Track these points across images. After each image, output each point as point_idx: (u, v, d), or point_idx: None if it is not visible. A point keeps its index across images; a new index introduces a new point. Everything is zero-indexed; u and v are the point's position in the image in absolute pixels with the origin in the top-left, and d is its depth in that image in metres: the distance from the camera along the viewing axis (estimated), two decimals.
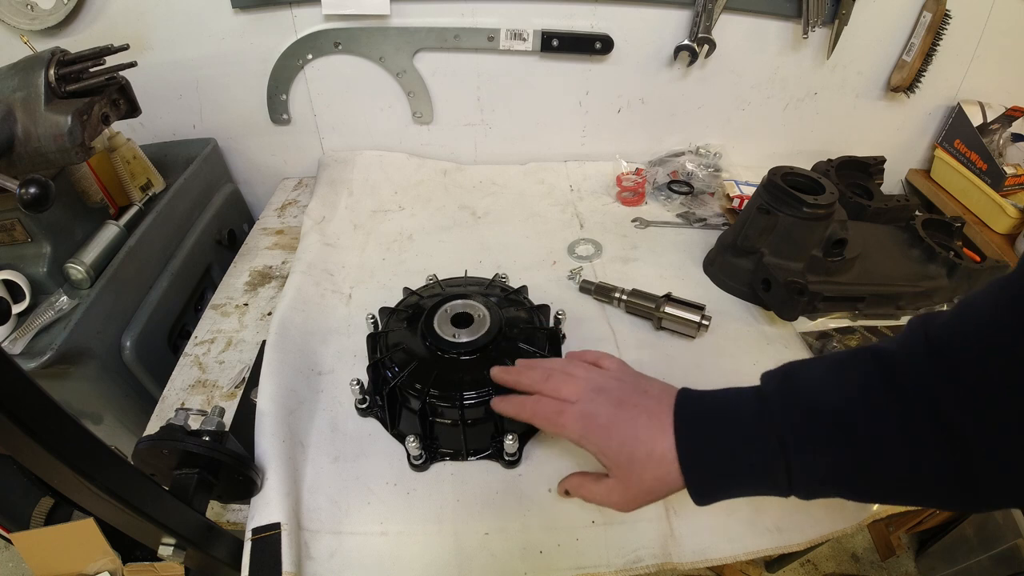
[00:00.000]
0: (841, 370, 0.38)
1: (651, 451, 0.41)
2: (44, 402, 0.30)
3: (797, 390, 0.38)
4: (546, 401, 0.46)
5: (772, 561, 1.14)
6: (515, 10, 0.87)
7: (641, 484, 0.42)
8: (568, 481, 0.48)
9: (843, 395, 0.36)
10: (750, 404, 0.39)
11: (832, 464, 0.36)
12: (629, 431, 0.42)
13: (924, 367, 0.34)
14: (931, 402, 0.33)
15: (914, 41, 0.92)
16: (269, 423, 0.54)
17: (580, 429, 0.43)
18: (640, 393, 0.44)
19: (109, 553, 0.47)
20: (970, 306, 0.34)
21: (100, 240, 0.72)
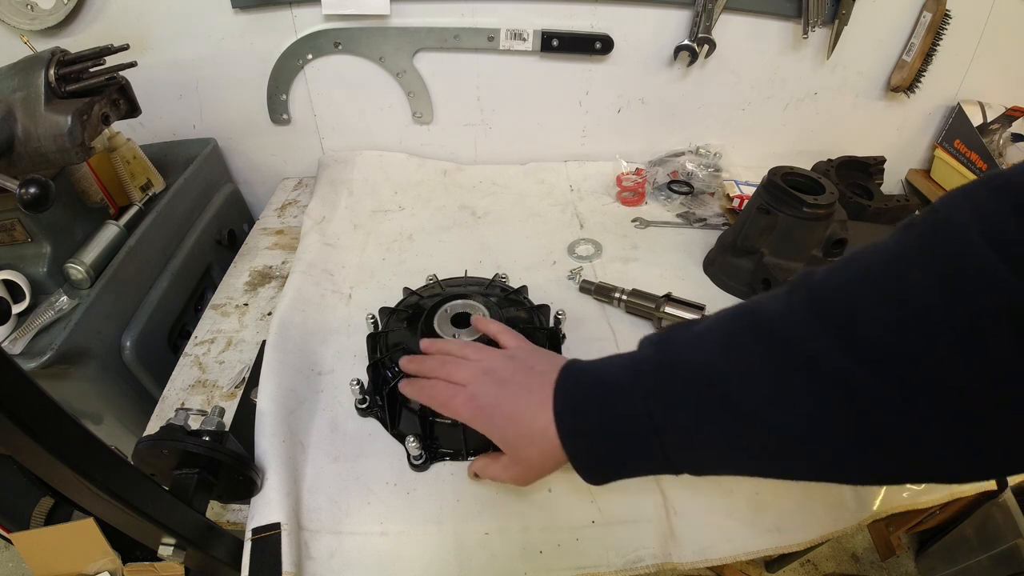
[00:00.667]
0: (716, 327, 0.36)
1: (531, 428, 0.41)
2: (44, 402, 0.29)
3: (668, 351, 0.37)
4: (441, 386, 0.47)
5: (772, 561, 1.14)
6: (515, 10, 0.87)
7: (528, 460, 0.42)
8: (475, 464, 0.50)
9: (714, 353, 0.34)
10: (623, 370, 0.38)
11: (703, 429, 0.34)
12: (511, 409, 0.42)
13: (804, 324, 0.31)
14: (810, 358, 0.30)
15: (914, 41, 0.92)
16: (269, 423, 0.54)
17: (468, 412, 0.45)
18: (526, 370, 0.44)
19: (109, 553, 0.47)
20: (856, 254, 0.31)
21: (100, 240, 0.72)
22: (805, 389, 0.30)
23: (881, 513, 0.54)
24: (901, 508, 0.55)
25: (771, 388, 0.32)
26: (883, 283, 0.29)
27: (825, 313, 0.30)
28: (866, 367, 0.29)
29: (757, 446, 0.33)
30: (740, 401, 0.33)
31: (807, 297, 0.32)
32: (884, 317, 0.28)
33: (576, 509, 0.52)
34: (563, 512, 0.52)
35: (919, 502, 0.56)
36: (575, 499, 0.53)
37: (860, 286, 0.30)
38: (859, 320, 0.29)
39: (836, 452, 0.31)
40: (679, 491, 0.54)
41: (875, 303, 0.29)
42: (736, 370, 0.33)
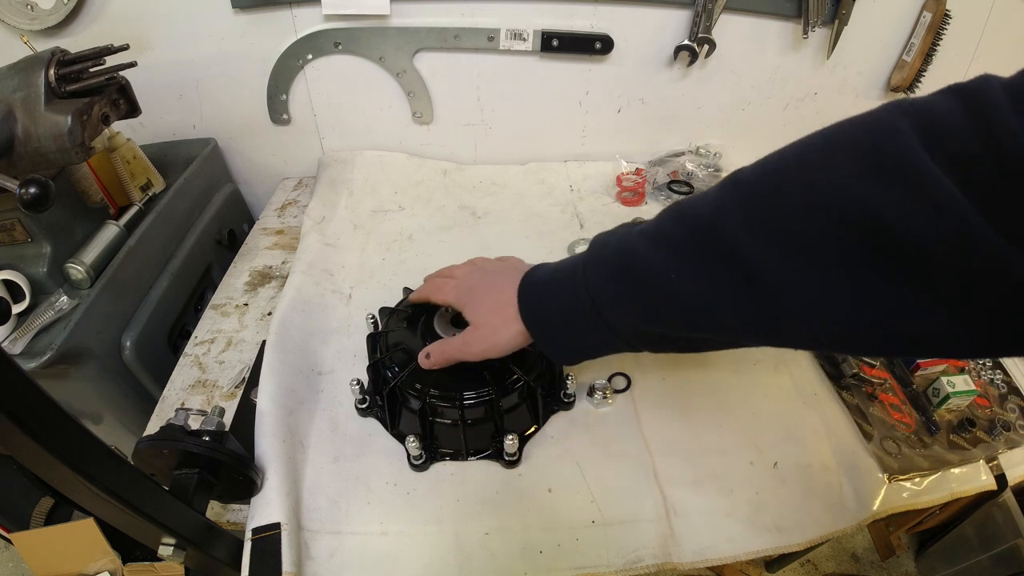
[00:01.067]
0: (653, 224, 0.40)
1: (498, 299, 0.49)
2: (44, 402, 0.30)
3: (607, 242, 0.43)
4: (438, 280, 0.58)
5: (772, 561, 1.14)
6: (515, 10, 0.87)
7: (491, 326, 0.49)
8: (431, 347, 0.53)
9: (643, 244, 0.39)
10: (574, 258, 0.45)
11: (633, 305, 0.39)
12: (486, 288, 0.51)
13: (729, 216, 0.34)
14: (731, 250, 0.33)
15: (914, 41, 0.92)
16: (269, 423, 0.54)
17: (454, 293, 0.54)
18: (509, 268, 0.53)
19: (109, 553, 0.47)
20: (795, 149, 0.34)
21: (100, 240, 0.72)
22: (711, 263, 0.35)
23: (881, 513, 0.54)
24: (901, 508, 0.55)
25: (677, 258, 0.37)
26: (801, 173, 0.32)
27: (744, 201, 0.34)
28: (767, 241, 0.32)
29: (675, 315, 0.38)
30: (649, 269, 0.38)
31: (730, 187, 0.36)
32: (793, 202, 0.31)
33: (576, 509, 0.52)
34: (563, 512, 0.52)
35: (919, 502, 0.56)
36: (575, 499, 0.53)
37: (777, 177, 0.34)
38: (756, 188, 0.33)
39: (743, 317, 0.34)
40: (679, 491, 0.54)
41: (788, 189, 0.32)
42: (654, 248, 0.38)
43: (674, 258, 0.37)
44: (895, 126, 0.28)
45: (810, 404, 0.62)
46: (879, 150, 0.28)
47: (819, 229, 0.30)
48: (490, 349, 0.49)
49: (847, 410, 0.62)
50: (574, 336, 0.45)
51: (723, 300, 0.34)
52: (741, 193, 0.34)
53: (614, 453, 0.57)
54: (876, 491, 0.55)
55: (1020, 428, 0.62)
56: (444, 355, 0.52)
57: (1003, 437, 0.61)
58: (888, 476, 0.56)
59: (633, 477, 0.55)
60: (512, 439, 0.53)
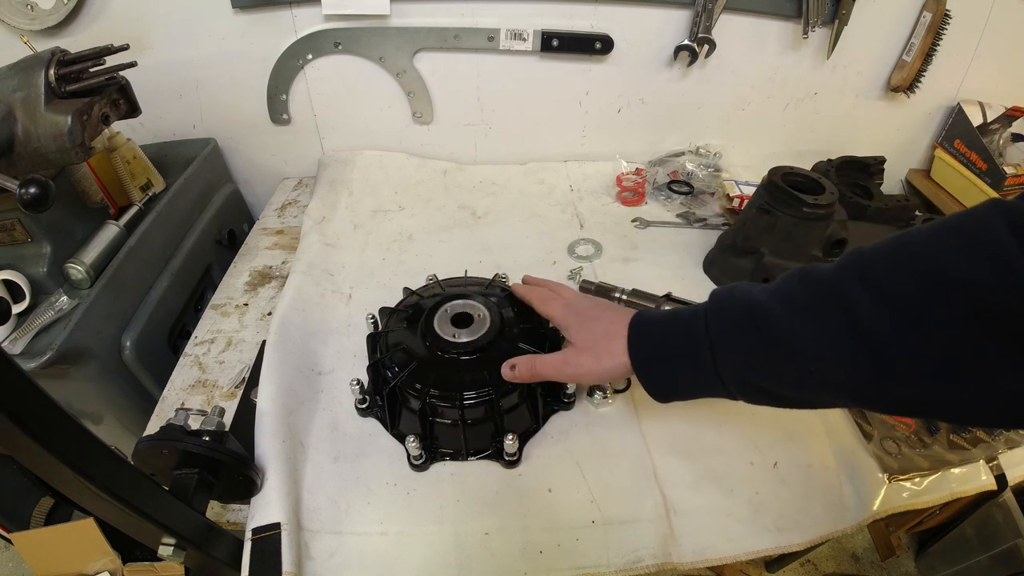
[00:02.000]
0: (778, 281, 0.42)
1: (608, 329, 0.50)
2: (44, 402, 0.30)
3: (734, 293, 0.44)
4: (544, 291, 0.59)
5: (772, 561, 1.14)
6: (515, 10, 0.87)
7: (595, 352, 0.50)
8: (518, 359, 0.54)
9: (769, 296, 0.41)
10: (693, 309, 0.46)
11: (747, 354, 0.41)
12: (596, 316, 0.52)
13: (851, 281, 0.36)
14: (844, 306, 0.36)
15: (914, 41, 0.92)
16: (269, 423, 0.54)
17: (562, 310, 0.55)
18: (616, 308, 0.55)
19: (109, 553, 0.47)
20: (906, 234, 0.37)
21: (100, 240, 0.72)
22: (825, 318, 0.37)
23: (881, 513, 0.54)
24: (901, 508, 0.55)
25: (800, 314, 0.39)
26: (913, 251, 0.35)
27: (864, 269, 0.36)
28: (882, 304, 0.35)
29: (785, 364, 0.39)
30: (771, 320, 0.40)
31: (853, 258, 0.38)
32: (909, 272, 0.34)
33: (576, 509, 0.52)
34: (563, 512, 0.52)
35: (919, 502, 0.56)
36: (575, 499, 0.53)
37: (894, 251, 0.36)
38: (889, 276, 0.35)
39: (850, 374, 0.36)
40: (679, 491, 0.54)
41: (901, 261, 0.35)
42: (778, 302, 0.40)
43: (797, 313, 0.39)
44: (991, 219, 0.32)
45: None
46: (977, 237, 0.32)
47: (927, 301, 0.33)
48: (587, 375, 0.50)
49: (847, 410, 0.62)
50: (679, 377, 0.46)
51: (837, 355, 0.36)
52: (863, 264, 0.37)
53: (614, 453, 0.57)
54: (876, 491, 0.55)
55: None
56: (534, 370, 0.52)
57: (1003, 437, 0.61)
58: (888, 476, 0.56)
59: (633, 477, 0.55)
60: (512, 439, 0.53)
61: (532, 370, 0.52)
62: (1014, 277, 0.30)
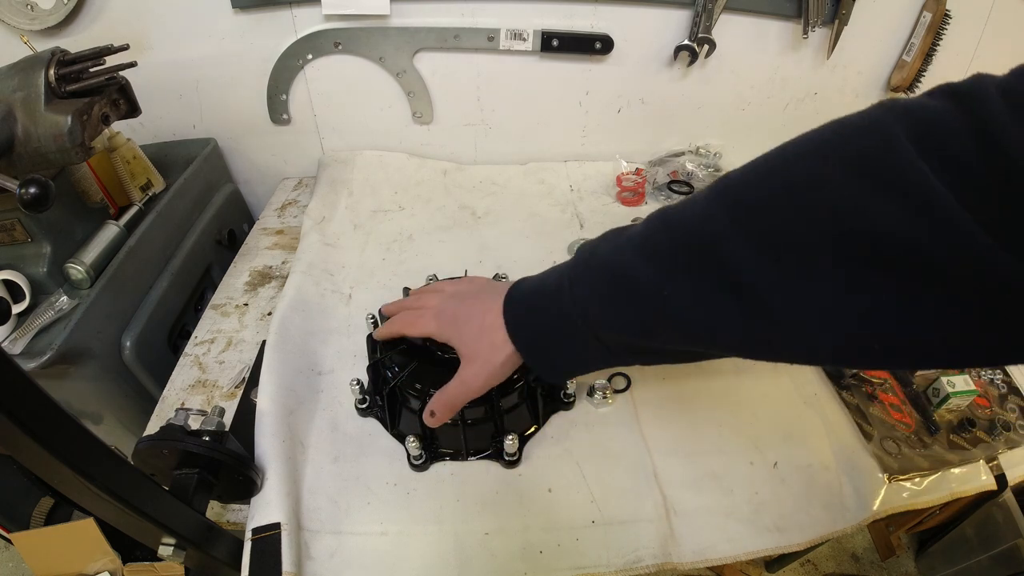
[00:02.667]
0: (637, 234, 0.39)
1: (483, 323, 0.46)
2: (44, 402, 0.30)
3: (593, 255, 0.42)
4: (409, 312, 0.54)
5: (772, 561, 1.14)
6: (515, 10, 0.87)
7: (481, 356, 0.46)
8: (432, 403, 0.50)
9: (628, 257, 0.38)
10: (558, 270, 0.44)
11: (624, 322, 0.38)
12: (468, 314, 0.49)
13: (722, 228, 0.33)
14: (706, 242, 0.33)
15: (914, 41, 0.92)
16: (269, 423, 0.54)
17: (435, 325, 0.51)
18: (487, 288, 0.51)
19: (109, 553, 0.47)
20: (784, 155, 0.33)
21: (100, 240, 0.72)
22: (699, 270, 0.34)
23: (881, 513, 0.54)
24: (901, 508, 0.55)
25: (667, 273, 0.35)
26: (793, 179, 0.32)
27: (735, 208, 0.33)
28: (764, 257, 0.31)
29: (667, 329, 0.37)
30: (639, 283, 0.36)
31: (720, 193, 0.35)
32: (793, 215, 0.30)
33: (576, 509, 0.52)
34: (563, 512, 0.52)
35: (919, 502, 0.56)
36: (575, 499, 0.53)
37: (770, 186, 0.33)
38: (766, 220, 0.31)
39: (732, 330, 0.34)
40: (679, 491, 0.54)
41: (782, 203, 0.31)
42: (644, 261, 0.37)
43: (665, 272, 0.35)
44: (888, 130, 0.27)
45: (810, 404, 0.62)
46: (871, 155, 0.28)
47: (816, 240, 0.29)
48: (489, 379, 0.47)
49: (847, 410, 0.62)
50: (568, 354, 0.43)
51: (718, 317, 0.33)
52: (731, 203, 0.33)
53: (614, 453, 0.57)
54: (876, 491, 0.55)
55: (1020, 428, 0.62)
56: (448, 405, 0.49)
57: (1003, 437, 0.61)
58: (888, 476, 0.56)
59: (633, 477, 0.55)
60: (512, 439, 0.53)
61: (447, 406, 0.49)
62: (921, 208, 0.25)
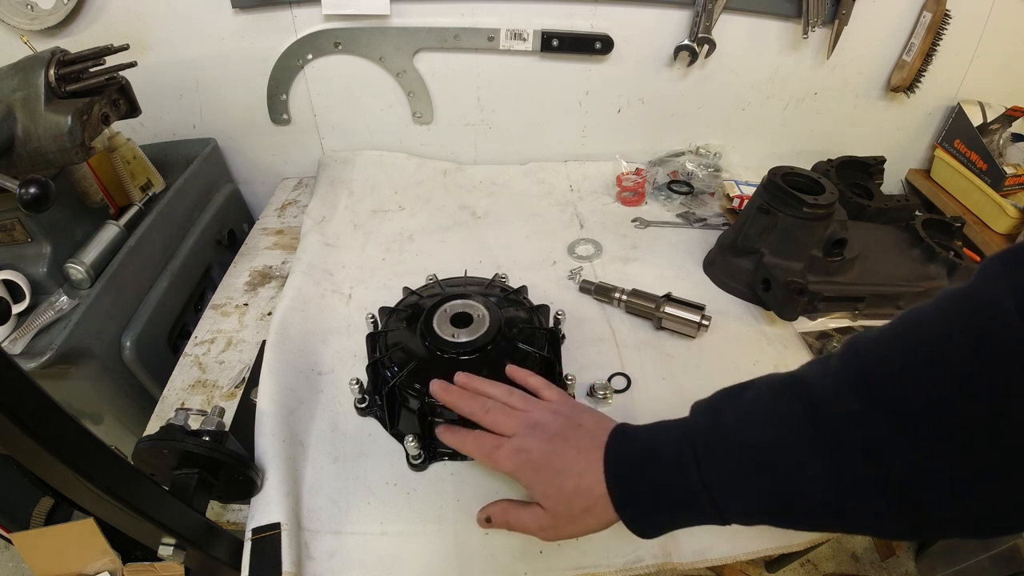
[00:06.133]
0: (766, 406, 0.37)
1: (579, 484, 0.41)
2: (44, 402, 0.29)
3: (721, 427, 0.38)
4: (484, 437, 0.47)
5: (772, 561, 1.14)
6: (515, 10, 0.87)
7: (571, 517, 0.42)
8: (492, 507, 0.46)
9: (766, 434, 0.36)
10: (677, 441, 0.40)
11: (758, 499, 0.36)
12: (559, 465, 0.42)
13: (856, 407, 0.32)
14: (865, 448, 0.31)
15: (914, 41, 0.92)
16: (269, 423, 0.54)
17: (514, 464, 0.44)
18: (574, 427, 0.45)
19: (109, 553, 0.47)
20: (913, 338, 0.32)
21: (100, 240, 0.72)
22: (844, 461, 0.32)
23: None
24: None
25: (810, 461, 0.33)
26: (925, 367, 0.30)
27: (868, 388, 0.32)
28: (905, 443, 0.30)
29: (810, 519, 0.36)
30: (779, 470, 0.35)
31: (854, 373, 0.33)
32: (924, 399, 0.30)
33: None
34: None
35: None
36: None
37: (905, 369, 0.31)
38: (900, 400, 0.31)
39: (873, 513, 0.32)
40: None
41: (916, 384, 0.30)
42: (779, 439, 0.35)
43: (806, 451, 0.34)
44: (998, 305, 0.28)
45: None
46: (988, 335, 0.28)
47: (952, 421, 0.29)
48: (570, 537, 0.44)
49: None
50: (677, 522, 0.41)
51: (860, 498, 0.32)
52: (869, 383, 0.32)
53: None
54: None
55: None
56: (506, 525, 0.46)
57: None
58: None
59: None
60: None
61: (503, 524, 0.46)
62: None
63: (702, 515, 0.38)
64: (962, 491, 0.29)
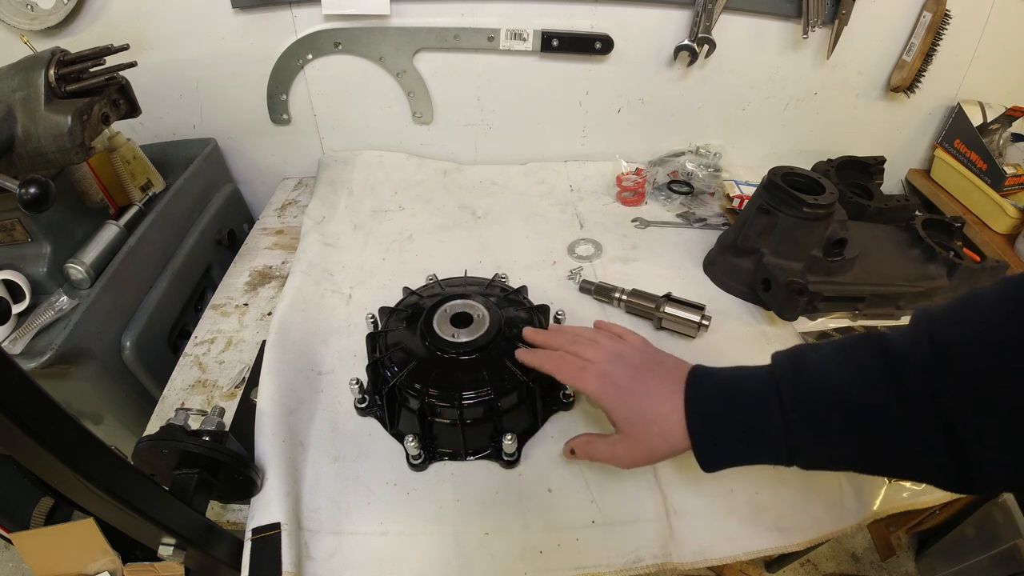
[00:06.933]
0: (849, 358, 0.39)
1: (658, 411, 0.44)
2: (44, 402, 0.29)
3: (805, 371, 0.40)
4: (570, 358, 0.50)
5: (772, 561, 1.14)
6: (515, 10, 0.87)
7: (647, 440, 0.45)
8: (575, 440, 0.51)
9: (849, 383, 0.38)
10: (760, 380, 0.42)
11: (834, 446, 0.39)
12: (641, 392, 0.46)
13: (928, 365, 0.35)
14: (932, 401, 0.35)
15: (914, 41, 0.92)
16: (269, 423, 0.54)
17: (599, 386, 0.47)
18: (656, 363, 0.48)
19: (109, 553, 0.47)
20: (975, 306, 0.35)
21: (100, 240, 0.72)
22: (916, 411, 0.35)
23: (881, 513, 0.54)
24: (901, 508, 0.55)
25: (888, 407, 0.36)
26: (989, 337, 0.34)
27: (939, 346, 0.35)
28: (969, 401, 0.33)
29: (879, 468, 0.40)
30: (861, 415, 0.37)
31: (927, 334, 0.36)
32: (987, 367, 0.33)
33: (576, 509, 0.52)
34: (563, 512, 0.52)
35: (919, 502, 0.56)
36: (575, 499, 0.53)
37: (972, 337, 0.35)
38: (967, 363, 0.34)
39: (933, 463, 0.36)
40: (679, 491, 0.54)
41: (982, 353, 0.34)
42: (860, 384, 0.38)
43: (882, 395, 0.37)
44: None
45: None
46: None
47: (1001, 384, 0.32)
48: (644, 464, 0.47)
49: None
50: (741, 458, 0.43)
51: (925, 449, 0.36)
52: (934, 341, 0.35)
53: None
54: (876, 491, 0.55)
55: None
56: (588, 456, 0.50)
57: None
58: None
59: (633, 477, 0.54)
60: (511, 439, 0.53)
61: (585, 455, 0.50)
62: None
63: (773, 452, 0.40)
64: (1006, 447, 0.32)
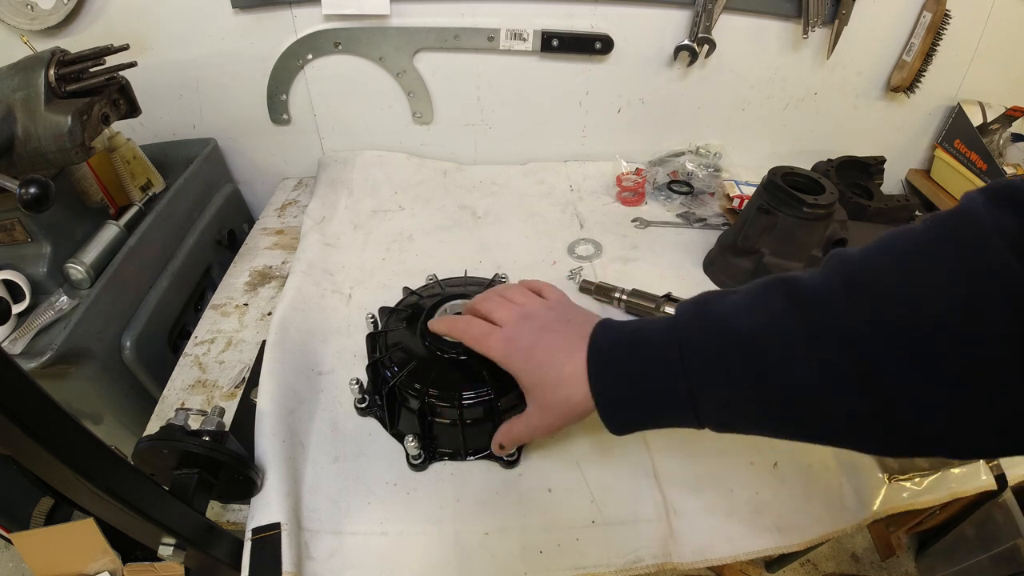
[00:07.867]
0: (755, 303, 0.37)
1: (560, 372, 0.43)
2: (44, 402, 0.29)
3: (708, 316, 0.38)
4: (477, 322, 0.49)
5: (772, 561, 1.14)
6: (515, 10, 0.87)
7: (554, 405, 0.43)
8: (497, 436, 0.50)
9: (752, 327, 0.35)
10: (660, 329, 0.40)
11: (742, 400, 0.36)
12: (544, 354, 0.44)
13: (838, 303, 0.33)
14: (843, 342, 0.32)
15: (914, 41, 0.92)
16: (269, 423, 0.54)
17: (503, 350, 0.46)
18: (564, 321, 0.47)
19: (109, 553, 0.47)
20: (892, 240, 0.33)
21: (100, 240, 0.72)
22: (826, 352, 0.32)
23: (881, 513, 0.54)
24: (901, 508, 0.55)
25: (795, 350, 0.34)
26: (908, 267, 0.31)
27: (852, 285, 0.32)
28: (881, 336, 0.30)
29: (778, 403, 0.35)
30: (765, 359, 0.34)
31: (839, 272, 0.34)
32: (904, 296, 0.30)
33: (576, 509, 0.52)
34: (563, 512, 0.52)
35: (919, 502, 0.56)
36: (575, 499, 0.53)
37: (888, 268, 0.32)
38: (881, 296, 0.31)
39: (848, 411, 0.32)
40: (679, 491, 0.54)
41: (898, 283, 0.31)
42: (765, 328, 0.35)
43: (791, 340, 0.34)
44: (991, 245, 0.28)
45: None
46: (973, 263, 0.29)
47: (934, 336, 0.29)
48: (552, 430, 0.47)
49: None
50: (650, 419, 0.41)
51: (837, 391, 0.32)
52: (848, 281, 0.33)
53: (614, 453, 0.57)
54: (876, 491, 0.55)
55: None
56: (514, 441, 0.50)
57: None
58: (888, 476, 0.56)
59: (633, 477, 0.55)
60: None
61: (512, 441, 0.49)
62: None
63: (679, 409, 0.38)
64: (932, 397, 0.29)
